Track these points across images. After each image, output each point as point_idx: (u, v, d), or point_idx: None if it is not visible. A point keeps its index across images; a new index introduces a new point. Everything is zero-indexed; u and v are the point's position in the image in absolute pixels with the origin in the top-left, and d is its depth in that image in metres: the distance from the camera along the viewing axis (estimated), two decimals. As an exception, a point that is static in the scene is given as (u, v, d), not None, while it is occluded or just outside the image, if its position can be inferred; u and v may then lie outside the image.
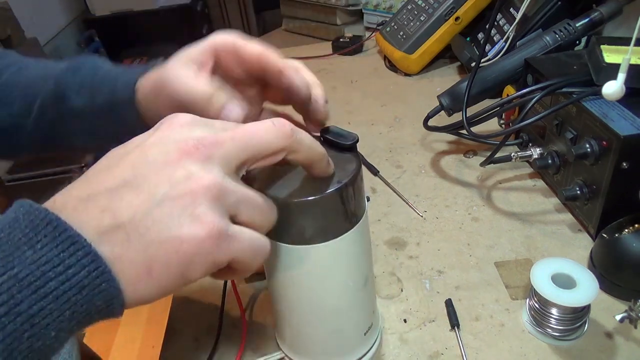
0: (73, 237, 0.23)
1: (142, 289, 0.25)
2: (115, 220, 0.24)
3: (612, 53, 0.52)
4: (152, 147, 0.26)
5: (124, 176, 0.25)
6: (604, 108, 0.50)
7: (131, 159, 0.26)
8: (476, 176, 0.66)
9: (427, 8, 0.94)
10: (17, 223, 0.23)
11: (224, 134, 0.27)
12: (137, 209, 0.24)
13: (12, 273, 0.21)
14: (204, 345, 0.47)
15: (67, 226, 0.23)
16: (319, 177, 0.32)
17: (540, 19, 0.76)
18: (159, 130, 0.28)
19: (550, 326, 0.43)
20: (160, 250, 0.24)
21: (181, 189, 0.25)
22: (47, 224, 0.23)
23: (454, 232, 0.57)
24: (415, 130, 0.78)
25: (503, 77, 0.68)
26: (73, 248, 0.23)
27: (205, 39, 0.38)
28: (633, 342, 0.43)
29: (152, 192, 0.25)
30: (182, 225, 0.25)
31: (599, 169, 0.49)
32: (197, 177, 0.25)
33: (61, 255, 0.22)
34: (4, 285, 0.21)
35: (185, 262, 0.25)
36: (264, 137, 0.28)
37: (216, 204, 0.26)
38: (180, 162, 0.25)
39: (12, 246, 0.22)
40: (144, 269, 0.24)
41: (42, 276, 0.22)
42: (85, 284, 0.23)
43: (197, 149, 0.26)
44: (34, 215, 0.23)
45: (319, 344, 0.41)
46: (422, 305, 0.49)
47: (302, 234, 0.33)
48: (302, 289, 0.37)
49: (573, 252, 0.52)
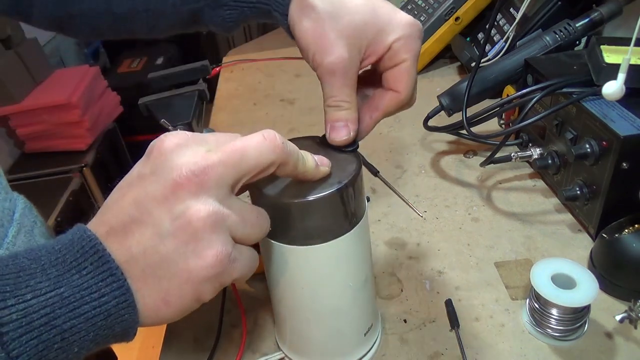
0: (111, 270, 0.26)
1: (162, 316, 0.28)
2: (132, 256, 0.26)
3: (612, 53, 0.52)
4: (150, 180, 0.27)
5: (130, 212, 0.27)
6: (604, 108, 0.50)
7: (134, 195, 0.27)
8: (476, 176, 0.66)
9: (427, 8, 0.94)
10: (72, 246, 0.26)
11: (214, 157, 0.27)
12: (146, 244, 0.26)
13: (59, 291, 0.25)
14: (204, 345, 0.47)
15: (110, 258, 0.26)
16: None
17: (540, 19, 0.76)
18: (151, 159, 0.28)
19: (550, 326, 0.43)
20: (172, 283, 0.27)
21: (181, 223, 0.26)
22: (94, 253, 0.26)
23: (454, 232, 0.57)
24: (415, 130, 0.78)
25: (503, 77, 0.68)
26: (110, 279, 0.26)
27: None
28: (633, 342, 0.43)
29: (156, 228, 0.26)
30: (188, 258, 0.27)
31: (599, 169, 0.49)
32: (194, 210, 0.26)
33: (99, 284, 0.25)
34: (50, 300, 0.24)
35: (198, 289, 0.27)
36: (254, 154, 0.28)
37: (216, 231, 0.27)
38: (176, 196, 0.26)
39: (64, 267, 0.25)
40: (161, 300, 0.27)
41: (80, 299, 0.25)
42: (112, 312, 0.26)
43: (189, 181, 0.26)
44: (85, 241, 0.26)
45: (319, 344, 0.41)
46: (422, 305, 0.49)
47: (302, 234, 0.33)
48: (302, 289, 0.37)
49: (573, 252, 0.52)
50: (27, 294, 0.24)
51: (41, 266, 0.25)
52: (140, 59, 2.43)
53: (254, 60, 1.14)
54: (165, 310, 0.28)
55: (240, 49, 1.31)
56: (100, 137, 2.00)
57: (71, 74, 1.97)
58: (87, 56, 2.40)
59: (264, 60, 1.13)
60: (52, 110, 1.80)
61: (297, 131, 0.83)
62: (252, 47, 1.30)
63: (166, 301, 0.27)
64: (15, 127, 1.83)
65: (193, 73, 0.65)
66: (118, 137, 2.19)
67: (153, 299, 0.27)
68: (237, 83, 1.05)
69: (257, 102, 0.96)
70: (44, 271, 0.25)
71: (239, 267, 0.29)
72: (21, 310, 0.24)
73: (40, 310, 0.24)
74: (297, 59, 1.11)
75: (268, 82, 1.03)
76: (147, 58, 2.43)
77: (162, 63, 2.37)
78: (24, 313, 0.24)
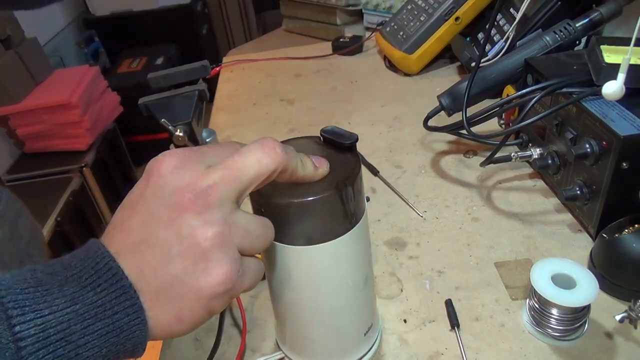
0: (125, 288, 0.26)
1: (175, 331, 0.29)
2: (143, 276, 0.27)
3: (612, 53, 0.52)
4: (153, 203, 0.27)
5: (138, 234, 0.27)
6: (604, 108, 0.50)
7: (140, 218, 0.27)
8: (476, 176, 0.66)
9: (427, 8, 0.94)
10: (87, 262, 0.26)
11: (215, 176, 0.27)
12: (157, 265, 0.27)
13: (75, 308, 0.25)
14: (204, 345, 0.47)
15: (123, 276, 0.26)
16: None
17: (540, 19, 0.76)
18: (151, 182, 0.28)
19: (550, 326, 0.43)
20: (184, 302, 0.27)
21: (188, 244, 0.27)
22: (107, 270, 0.26)
23: (454, 232, 0.57)
24: (415, 130, 0.78)
25: (503, 77, 0.67)
26: (123, 297, 0.26)
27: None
28: (633, 342, 0.43)
29: (165, 250, 0.27)
30: (198, 278, 0.27)
31: (599, 169, 0.49)
32: (200, 231, 0.27)
33: (113, 301, 0.26)
34: (66, 316, 0.25)
35: (209, 304, 0.28)
36: (255, 167, 0.28)
37: (223, 249, 0.27)
38: (181, 217, 0.27)
39: (80, 284, 0.26)
40: (174, 317, 0.28)
41: (95, 316, 0.25)
42: (124, 329, 0.26)
43: (193, 203, 0.27)
44: (99, 258, 0.26)
45: (319, 344, 0.41)
46: (422, 305, 0.49)
47: (302, 234, 0.33)
48: (302, 289, 0.37)
49: (573, 252, 0.52)
50: (45, 309, 0.25)
51: (58, 282, 0.26)
52: (140, 59, 2.43)
53: (254, 60, 1.14)
54: (178, 326, 0.28)
55: (240, 49, 1.31)
56: (100, 137, 1.99)
57: (71, 74, 1.97)
58: (87, 56, 2.40)
59: (264, 60, 1.13)
60: (52, 110, 1.80)
61: (297, 131, 0.83)
62: (252, 47, 1.30)
63: (179, 318, 0.28)
64: (15, 127, 1.83)
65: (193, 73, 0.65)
66: (118, 137, 2.19)
67: (166, 316, 0.28)
68: (237, 83, 1.05)
69: (257, 102, 0.96)
70: (61, 287, 0.25)
71: (248, 280, 0.29)
72: (39, 325, 0.24)
73: (57, 325, 0.25)
74: (297, 59, 1.11)
75: (268, 82, 1.03)
76: (147, 58, 2.43)
77: (162, 63, 2.37)
78: (42, 328, 0.24)
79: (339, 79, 1.00)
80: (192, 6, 2.55)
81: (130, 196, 0.29)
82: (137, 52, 2.49)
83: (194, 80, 0.65)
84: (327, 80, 0.99)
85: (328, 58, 1.10)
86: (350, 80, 0.98)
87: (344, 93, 0.94)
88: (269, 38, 1.39)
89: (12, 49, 1.78)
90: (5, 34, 1.76)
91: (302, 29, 1.33)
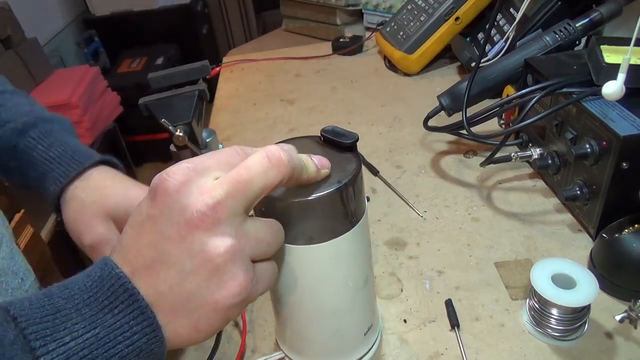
0: (142, 308, 0.27)
1: (193, 340, 0.29)
2: (160, 294, 0.27)
3: (612, 53, 0.52)
4: (161, 222, 0.27)
5: (150, 254, 0.27)
6: (604, 108, 0.50)
7: (150, 237, 0.28)
8: (476, 176, 0.66)
9: (427, 8, 0.94)
10: (102, 284, 0.27)
11: (221, 192, 0.27)
12: (172, 282, 0.27)
13: (95, 332, 0.26)
14: (204, 345, 0.47)
15: (139, 297, 0.27)
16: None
17: (540, 19, 0.76)
18: (157, 201, 0.28)
19: (550, 326, 0.43)
20: (201, 314, 0.28)
21: (201, 261, 0.27)
22: (124, 291, 0.26)
23: (454, 232, 0.57)
24: (415, 130, 0.78)
25: (503, 77, 0.67)
26: (140, 318, 0.27)
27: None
28: (633, 342, 0.43)
29: (178, 267, 0.27)
30: (214, 292, 0.28)
31: (599, 169, 0.49)
32: (212, 247, 0.27)
33: (131, 322, 0.26)
34: (87, 342, 0.25)
35: (226, 314, 0.29)
36: (261, 179, 0.28)
37: (236, 263, 0.28)
38: (192, 236, 0.27)
39: (97, 307, 0.26)
40: (192, 329, 0.28)
41: (115, 339, 0.26)
42: (143, 349, 0.27)
43: (202, 221, 0.27)
44: (114, 279, 0.27)
45: (319, 344, 0.41)
46: (422, 305, 0.49)
47: (302, 234, 0.33)
48: (302, 289, 0.37)
49: (573, 252, 0.52)
50: (66, 337, 0.25)
51: (75, 306, 0.26)
52: (140, 59, 2.43)
53: (254, 60, 1.14)
54: (196, 336, 0.29)
55: (240, 49, 1.32)
56: (100, 137, 1.99)
57: (71, 74, 1.97)
58: (87, 56, 2.40)
59: (264, 60, 1.13)
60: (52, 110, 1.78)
61: (297, 131, 0.83)
62: (252, 47, 1.30)
63: (197, 329, 0.28)
64: (15, 127, 1.83)
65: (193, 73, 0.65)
66: (118, 137, 2.19)
67: (184, 329, 0.28)
68: (237, 83, 1.05)
69: (257, 102, 0.96)
70: (79, 311, 0.26)
71: (262, 285, 0.30)
72: (62, 354, 0.25)
73: (79, 352, 0.25)
74: (297, 59, 1.11)
75: (268, 82, 1.03)
76: (147, 58, 2.43)
77: (162, 63, 2.37)
78: (65, 357, 0.25)
79: (339, 79, 1.00)
80: (192, 6, 2.55)
81: (137, 215, 0.29)
82: (137, 52, 2.49)
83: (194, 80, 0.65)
84: (327, 80, 0.99)
85: (328, 58, 1.10)
86: (350, 80, 0.98)
87: (344, 93, 0.94)
88: (269, 38, 1.39)
89: (12, 49, 1.78)
90: (5, 34, 1.76)
91: (302, 29, 1.33)
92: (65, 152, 0.48)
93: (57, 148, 0.48)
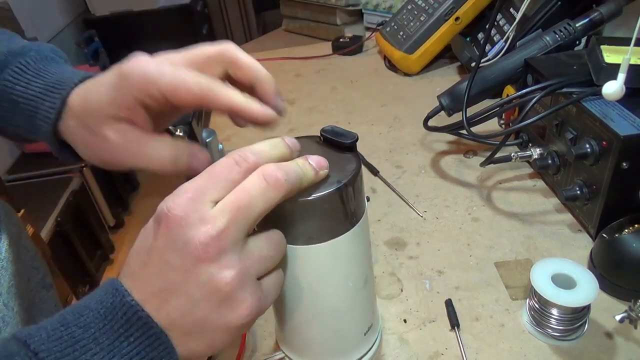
0: (157, 334, 0.27)
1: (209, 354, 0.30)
2: (172, 321, 0.28)
3: (612, 53, 0.52)
4: (166, 253, 0.28)
5: (159, 284, 0.28)
6: (604, 108, 0.50)
7: (156, 268, 0.28)
8: (476, 176, 0.66)
9: (427, 8, 0.94)
10: (115, 312, 0.27)
11: (223, 219, 0.27)
12: (183, 310, 0.28)
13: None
14: (203, 345, 0.47)
15: (154, 324, 0.27)
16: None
17: (540, 19, 0.76)
18: (160, 232, 0.28)
19: (550, 326, 0.43)
20: (215, 334, 0.29)
21: (209, 290, 0.28)
22: (138, 319, 0.27)
23: (454, 232, 0.57)
24: (415, 130, 0.78)
25: (503, 77, 0.68)
26: (156, 343, 0.27)
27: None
28: (633, 342, 0.43)
29: (187, 296, 0.28)
30: (225, 316, 0.28)
31: (599, 169, 0.49)
32: (218, 277, 0.27)
33: (147, 348, 0.27)
34: None
35: (238, 331, 0.30)
36: (260, 202, 0.28)
37: (244, 287, 0.28)
38: (197, 267, 0.27)
39: (113, 335, 0.27)
40: (207, 348, 0.29)
41: None
42: None
43: (206, 252, 0.27)
44: (127, 307, 0.27)
45: (319, 344, 0.41)
46: (422, 305, 0.49)
47: (302, 234, 0.33)
48: (302, 289, 0.37)
49: (573, 252, 0.52)
50: None
51: (92, 335, 0.26)
52: (140, 59, 2.43)
53: (254, 60, 1.14)
54: (210, 351, 0.30)
55: (240, 49, 1.31)
56: (100, 137, 1.99)
57: (71, 74, 1.97)
58: (87, 56, 2.40)
59: (264, 60, 1.13)
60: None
61: (297, 131, 0.83)
62: (252, 47, 1.30)
63: (211, 346, 0.30)
64: (15, 127, 1.83)
65: (193, 73, 0.65)
66: (118, 137, 2.19)
67: (199, 347, 0.29)
68: (237, 83, 1.05)
69: (257, 102, 0.95)
70: (96, 340, 0.26)
71: (270, 297, 0.31)
72: None
73: None
74: (297, 59, 1.11)
75: (268, 82, 1.03)
76: (147, 58, 2.42)
77: (162, 63, 2.37)
78: None
79: (339, 79, 1.00)
80: (192, 6, 2.55)
81: (142, 243, 0.29)
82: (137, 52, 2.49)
83: (194, 80, 0.65)
84: (327, 80, 0.99)
85: (328, 58, 1.10)
86: (350, 80, 0.98)
87: (344, 93, 0.94)
88: (269, 38, 1.39)
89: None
90: (5, 34, 1.76)
91: (302, 29, 1.33)
92: (47, 84, 0.42)
93: (38, 81, 0.42)
